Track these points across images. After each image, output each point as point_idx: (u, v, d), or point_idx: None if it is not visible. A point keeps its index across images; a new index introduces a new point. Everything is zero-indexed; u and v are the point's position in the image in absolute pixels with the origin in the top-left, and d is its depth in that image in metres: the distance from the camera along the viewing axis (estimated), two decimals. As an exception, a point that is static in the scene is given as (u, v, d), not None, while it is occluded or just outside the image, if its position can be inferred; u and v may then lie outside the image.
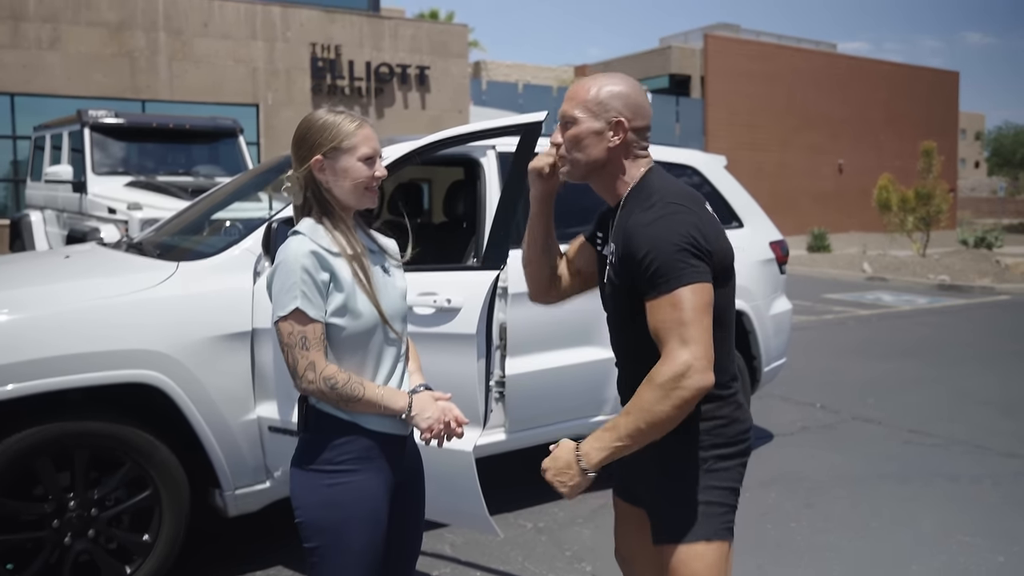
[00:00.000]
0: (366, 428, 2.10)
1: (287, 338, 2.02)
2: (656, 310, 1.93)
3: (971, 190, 54.02)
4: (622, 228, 2.06)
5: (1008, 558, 3.90)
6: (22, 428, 3.07)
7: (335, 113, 2.14)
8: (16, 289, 3.41)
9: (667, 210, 1.99)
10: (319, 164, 2.09)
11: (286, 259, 2.03)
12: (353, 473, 2.08)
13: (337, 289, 2.05)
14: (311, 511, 2.08)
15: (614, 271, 2.10)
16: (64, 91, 15.57)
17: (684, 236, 1.94)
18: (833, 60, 35.93)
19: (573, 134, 2.09)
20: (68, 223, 8.98)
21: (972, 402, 6.84)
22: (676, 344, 1.89)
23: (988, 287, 15.16)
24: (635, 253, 1.97)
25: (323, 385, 2.02)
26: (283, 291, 2.01)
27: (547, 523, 4.30)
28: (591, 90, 2.09)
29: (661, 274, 1.92)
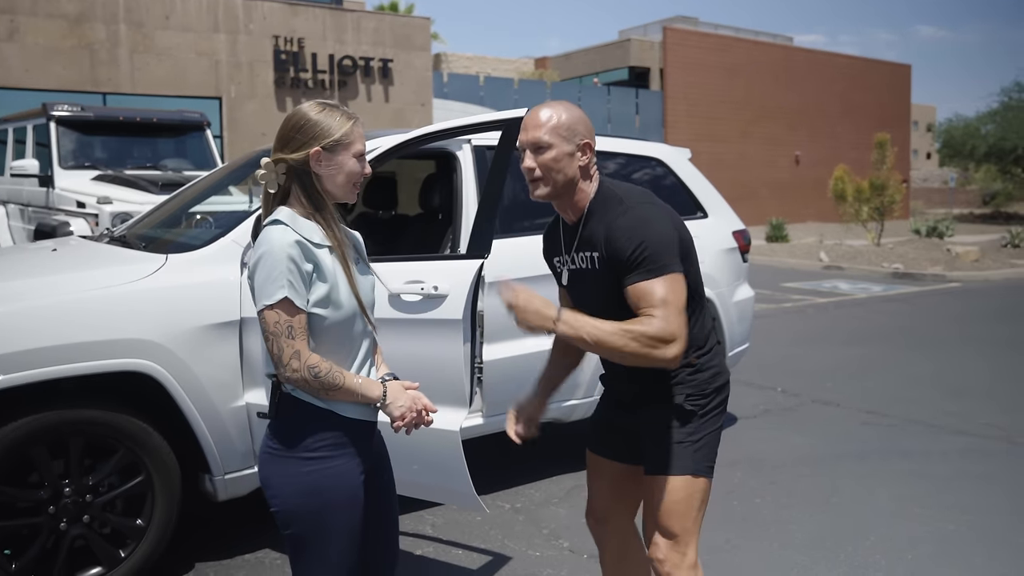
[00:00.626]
0: (341, 415, 2.13)
1: (273, 327, 2.03)
2: (649, 288, 2.20)
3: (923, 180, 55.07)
4: (601, 233, 2.33)
5: (958, 527, 4.15)
6: (18, 417, 3.15)
7: (331, 107, 2.17)
8: (7, 281, 3.49)
9: (642, 211, 2.30)
10: (317, 155, 2.11)
11: (271, 249, 2.03)
12: (330, 459, 2.11)
13: (320, 279, 2.08)
14: (289, 498, 2.11)
15: (598, 272, 2.36)
16: (23, 83, 15.38)
17: (667, 231, 2.27)
18: (790, 53, 36.47)
19: (551, 157, 2.33)
20: (35, 217, 8.93)
21: (926, 384, 7.13)
22: (670, 314, 2.17)
23: (939, 275, 15.61)
24: (624, 250, 2.25)
25: (307, 374, 2.04)
26: (269, 280, 2.02)
27: (524, 503, 4.46)
28: (555, 117, 2.34)
29: (652, 262, 2.21)
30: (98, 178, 8.67)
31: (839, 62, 37.28)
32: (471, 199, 4.25)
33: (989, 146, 40.22)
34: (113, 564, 3.39)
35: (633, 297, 2.23)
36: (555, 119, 2.33)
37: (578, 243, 2.41)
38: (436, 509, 4.31)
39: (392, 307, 3.51)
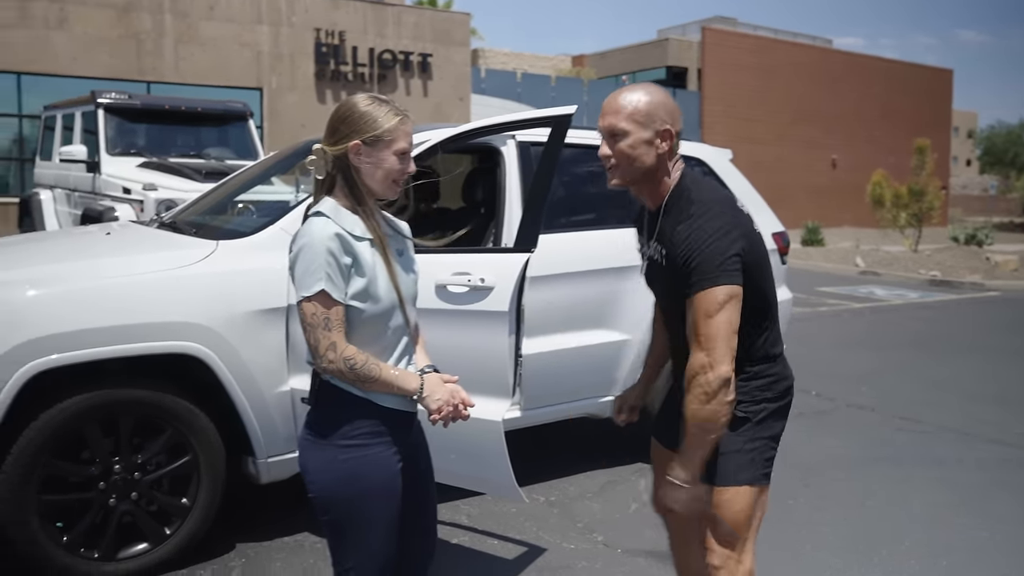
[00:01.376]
0: (379, 404, 2.15)
1: (310, 318, 2.06)
2: (691, 307, 2.18)
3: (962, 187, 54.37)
4: (669, 232, 2.27)
5: (992, 534, 4.13)
6: (72, 395, 3.25)
7: (380, 102, 2.17)
8: (66, 263, 3.60)
9: (705, 218, 2.20)
10: (356, 148, 2.12)
11: (311, 241, 2.05)
12: (367, 447, 2.14)
13: (358, 273, 2.10)
14: (328, 485, 2.14)
15: (665, 269, 2.31)
16: (70, 71, 15.65)
17: (719, 240, 2.17)
18: (829, 55, 36.11)
19: (628, 144, 2.23)
20: (81, 202, 9.11)
21: (961, 392, 7.07)
22: (695, 346, 2.17)
23: (978, 283, 15.42)
24: (678, 253, 2.21)
25: (343, 365, 2.06)
26: (308, 272, 2.04)
27: (558, 497, 4.51)
28: (634, 102, 2.23)
29: (700, 270, 2.15)
30: (143, 165, 8.84)
31: (879, 65, 36.86)
32: (515, 194, 4.30)
33: (1031, 154, 39.60)
34: (159, 541, 3.49)
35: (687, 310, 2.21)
36: (636, 103, 2.23)
37: (657, 234, 2.34)
38: (472, 500, 4.37)
39: (438, 298, 3.57)
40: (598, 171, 5.15)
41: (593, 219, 4.76)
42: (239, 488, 3.98)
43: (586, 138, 4.79)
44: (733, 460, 2.33)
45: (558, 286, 4.35)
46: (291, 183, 5.91)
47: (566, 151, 3.88)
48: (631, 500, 4.47)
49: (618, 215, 4.82)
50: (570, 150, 4.42)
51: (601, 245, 4.62)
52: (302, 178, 5.26)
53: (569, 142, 3.95)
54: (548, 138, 3.56)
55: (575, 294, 4.46)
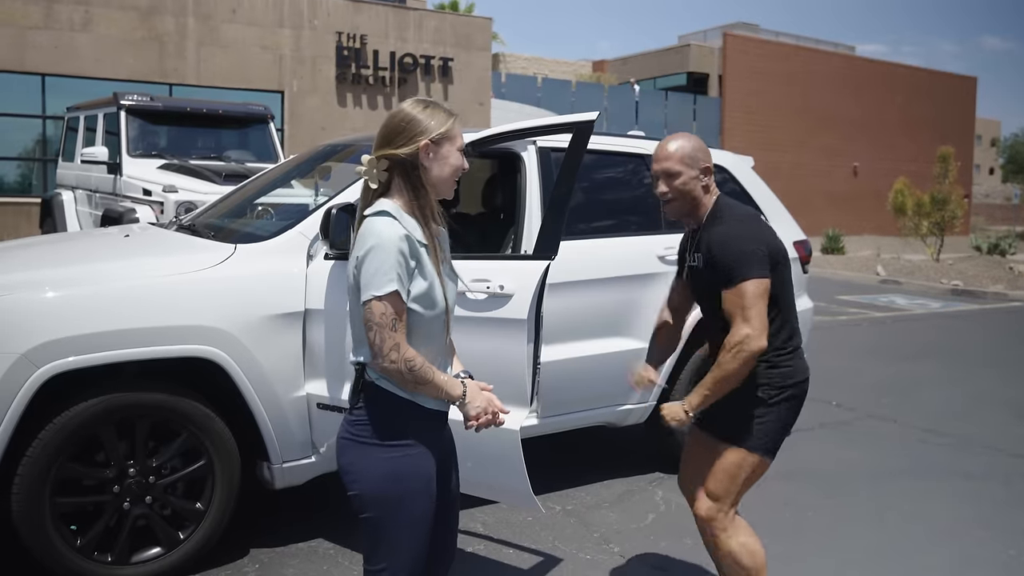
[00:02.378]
0: (422, 406, 2.21)
1: (379, 318, 2.09)
2: (726, 298, 2.77)
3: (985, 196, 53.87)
4: (706, 240, 2.86)
5: (1019, 552, 4.05)
6: (88, 397, 3.24)
7: (433, 105, 2.26)
8: (83, 265, 3.60)
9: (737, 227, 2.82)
10: (426, 148, 2.19)
11: (383, 241, 2.09)
12: (410, 447, 2.20)
13: (421, 276, 2.16)
14: (370, 483, 2.18)
15: (705, 272, 2.88)
16: (94, 73, 15.77)
17: (749, 245, 2.77)
18: (851, 62, 35.91)
19: (682, 182, 2.86)
20: (102, 204, 9.15)
21: (984, 404, 6.97)
22: (740, 322, 2.73)
23: (1001, 293, 15.25)
24: (715, 257, 2.80)
25: (403, 366, 2.11)
26: (380, 272, 2.08)
27: (575, 506, 4.46)
28: (681, 149, 2.86)
29: (732, 272, 2.75)
30: (164, 167, 8.86)
31: (901, 73, 36.62)
32: (535, 200, 4.26)
33: (1056, 163, 39.21)
34: (172, 545, 3.47)
35: (723, 302, 2.78)
36: (681, 150, 2.85)
37: (698, 244, 2.92)
38: (487, 508, 4.33)
39: (457, 304, 3.53)
40: (618, 177, 5.14)
41: (612, 226, 4.72)
42: (254, 493, 3.96)
43: (607, 144, 4.75)
44: (743, 426, 2.85)
45: (577, 293, 4.31)
46: (311, 186, 5.91)
47: (586, 157, 3.83)
48: (648, 511, 4.42)
49: (637, 222, 4.78)
50: (590, 156, 4.38)
51: (620, 252, 4.58)
52: (321, 182, 5.25)
53: (590, 148, 3.91)
54: (569, 144, 3.52)
55: (594, 302, 4.42)
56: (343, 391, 3.56)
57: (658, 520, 4.30)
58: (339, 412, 3.57)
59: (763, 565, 2.91)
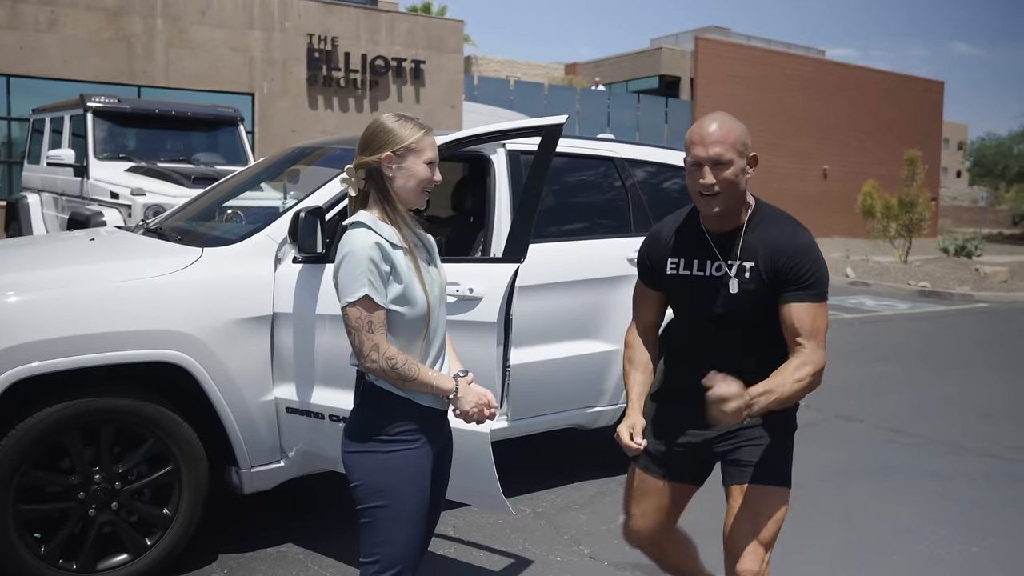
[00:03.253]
0: (419, 404, 2.33)
1: (355, 322, 2.23)
2: (808, 313, 2.38)
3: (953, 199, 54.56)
4: (762, 245, 2.43)
5: (982, 549, 4.11)
6: (52, 403, 3.20)
7: (406, 118, 2.37)
8: (47, 269, 3.56)
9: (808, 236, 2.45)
10: (388, 160, 2.31)
11: (354, 249, 2.23)
12: (408, 443, 2.32)
13: (396, 279, 2.28)
14: (369, 476, 2.31)
15: (753, 281, 2.44)
16: (60, 74, 15.57)
17: (822, 257, 2.45)
18: (821, 66, 36.25)
19: (732, 173, 2.37)
20: (68, 207, 9.05)
21: (951, 404, 7.06)
22: (817, 347, 2.38)
23: (967, 294, 15.46)
24: (796, 266, 2.39)
25: (385, 365, 2.24)
26: (352, 279, 2.22)
27: (545, 508, 4.47)
28: (735, 131, 2.38)
29: (820, 285, 2.40)
30: (132, 169, 8.77)
31: (871, 77, 37.01)
32: (504, 203, 4.27)
33: (1021, 166, 39.93)
34: (139, 552, 3.44)
35: (792, 316, 2.38)
36: (736, 133, 2.37)
37: (741, 251, 2.45)
38: (458, 511, 4.32)
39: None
40: (588, 180, 5.15)
41: (582, 229, 4.73)
42: (222, 498, 3.93)
43: (577, 147, 4.77)
44: (779, 462, 2.52)
45: (546, 296, 4.33)
46: (280, 189, 5.88)
47: (556, 160, 3.85)
48: (618, 512, 4.41)
49: (607, 225, 4.80)
50: (560, 159, 4.40)
51: (589, 255, 4.60)
52: (290, 185, 5.23)
53: (559, 151, 3.92)
54: (539, 147, 3.54)
55: (563, 304, 4.43)
56: (312, 395, 3.55)
57: (628, 522, 4.31)
58: (308, 416, 3.57)
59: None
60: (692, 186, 2.43)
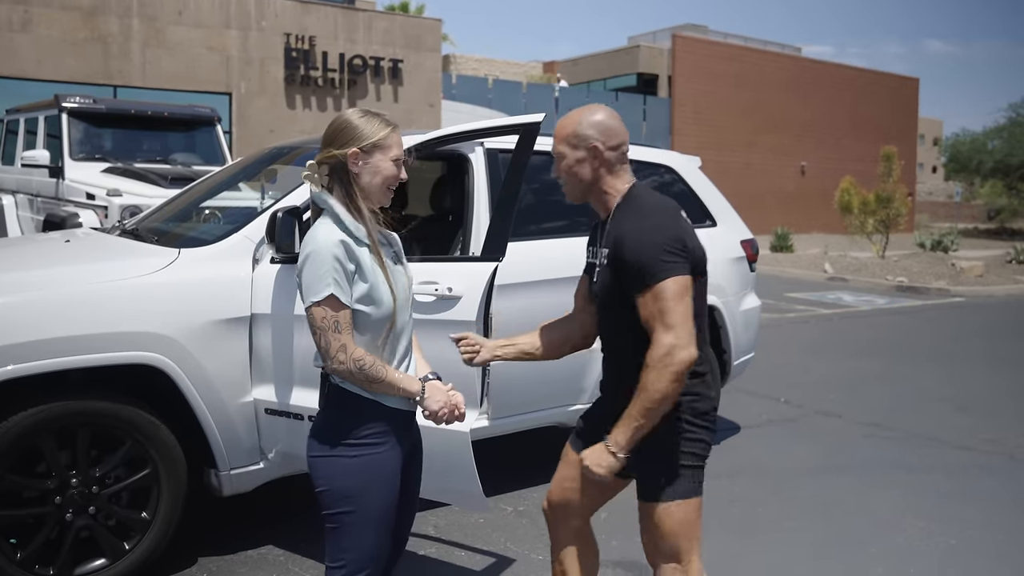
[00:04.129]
0: (386, 405, 2.28)
1: (320, 322, 2.19)
2: (643, 304, 2.33)
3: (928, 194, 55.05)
4: (613, 234, 2.44)
5: (960, 541, 4.15)
6: (27, 406, 3.16)
7: (372, 114, 2.32)
8: (21, 272, 3.52)
9: (650, 220, 2.38)
10: (355, 156, 2.26)
11: (317, 248, 2.18)
12: (375, 446, 2.27)
13: (361, 278, 2.23)
14: (336, 480, 2.25)
15: (605, 271, 2.48)
16: (35, 75, 15.43)
17: (663, 239, 2.32)
18: (798, 63, 36.48)
19: (565, 165, 2.50)
20: (44, 208, 8.95)
21: (928, 399, 7.13)
22: (661, 330, 2.29)
23: (944, 289, 15.60)
24: (623, 256, 2.37)
25: (352, 366, 2.19)
26: (316, 278, 2.17)
27: (526, 507, 4.47)
28: (568, 126, 2.48)
29: (645, 272, 2.31)
30: (108, 170, 8.68)
31: (847, 74, 37.29)
32: (483, 201, 4.26)
33: (995, 161, 40.29)
34: (117, 556, 3.40)
35: (639, 311, 2.34)
36: (569, 128, 2.48)
37: (604, 239, 2.51)
38: (439, 510, 4.32)
39: (404, 307, 3.53)
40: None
41: (560, 227, 4.73)
42: (201, 501, 3.91)
43: (554, 145, 4.77)
44: (680, 474, 2.44)
45: (526, 295, 4.32)
46: (258, 189, 5.84)
47: (534, 159, 3.84)
48: (600, 510, 4.43)
49: (585, 223, 4.80)
50: (538, 157, 4.39)
51: (568, 253, 4.59)
52: (268, 185, 5.20)
53: (537, 149, 3.92)
54: (516, 146, 3.54)
55: (542, 302, 4.41)
56: (291, 396, 3.53)
57: (610, 519, 4.31)
58: (287, 417, 3.54)
59: None
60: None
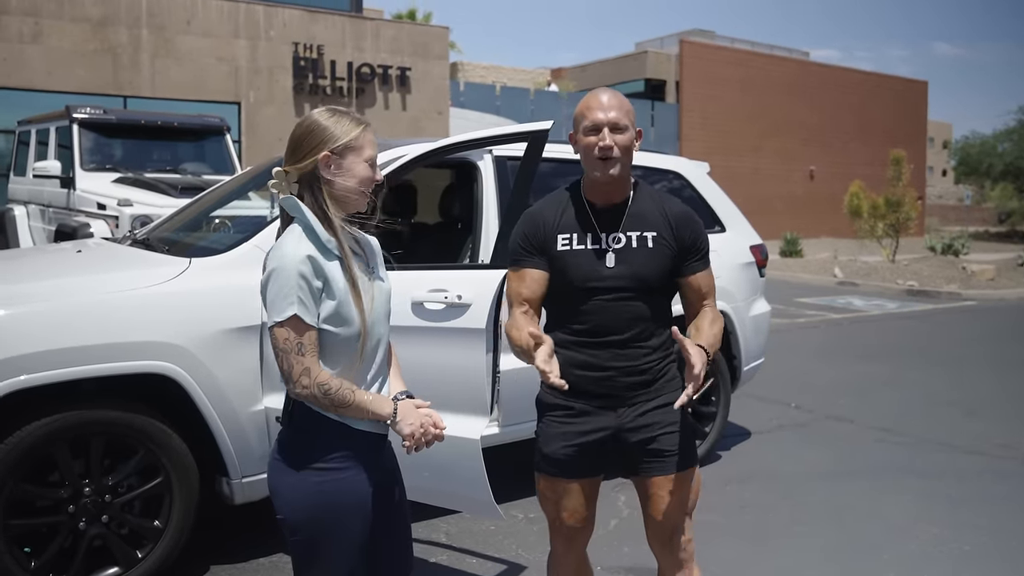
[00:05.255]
0: (353, 428, 2.12)
1: (283, 343, 2.02)
2: (699, 279, 2.54)
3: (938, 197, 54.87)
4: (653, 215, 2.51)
5: (973, 548, 4.13)
6: (40, 416, 3.18)
7: (340, 113, 2.14)
8: (34, 282, 3.55)
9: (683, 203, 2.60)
10: (326, 160, 2.07)
11: (283, 264, 2.01)
12: (341, 471, 2.11)
13: (329, 296, 2.06)
14: (299, 507, 2.11)
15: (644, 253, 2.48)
16: (45, 86, 15.51)
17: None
18: (805, 67, 36.43)
19: (628, 138, 2.45)
20: (55, 218, 9.01)
21: (939, 403, 7.10)
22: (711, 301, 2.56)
23: (955, 293, 15.55)
24: (691, 234, 2.53)
25: (316, 391, 2.03)
26: (280, 296, 2.00)
27: (537, 514, 4.46)
28: (626, 102, 2.48)
29: (707, 251, 2.56)
30: (118, 180, 8.74)
31: (854, 77, 37.22)
32: (491, 209, 4.27)
33: (1005, 164, 40.16)
34: (130, 564, 3.42)
35: (696, 282, 2.53)
36: (625, 103, 2.47)
37: (627, 222, 2.51)
38: (450, 517, 4.33)
39: (415, 315, 3.54)
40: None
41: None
42: (213, 509, 3.92)
43: (562, 152, 4.77)
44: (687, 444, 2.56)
45: None
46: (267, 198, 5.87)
47: (543, 165, 3.86)
48: (611, 517, 4.44)
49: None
50: (547, 164, 4.41)
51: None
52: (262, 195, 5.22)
53: (546, 156, 3.94)
54: (524, 153, 3.56)
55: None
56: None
57: (620, 526, 4.33)
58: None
59: None
60: (588, 152, 2.45)
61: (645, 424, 2.49)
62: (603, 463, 2.58)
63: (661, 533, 2.57)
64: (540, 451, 2.60)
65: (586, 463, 2.55)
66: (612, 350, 2.47)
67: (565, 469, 2.56)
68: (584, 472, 2.56)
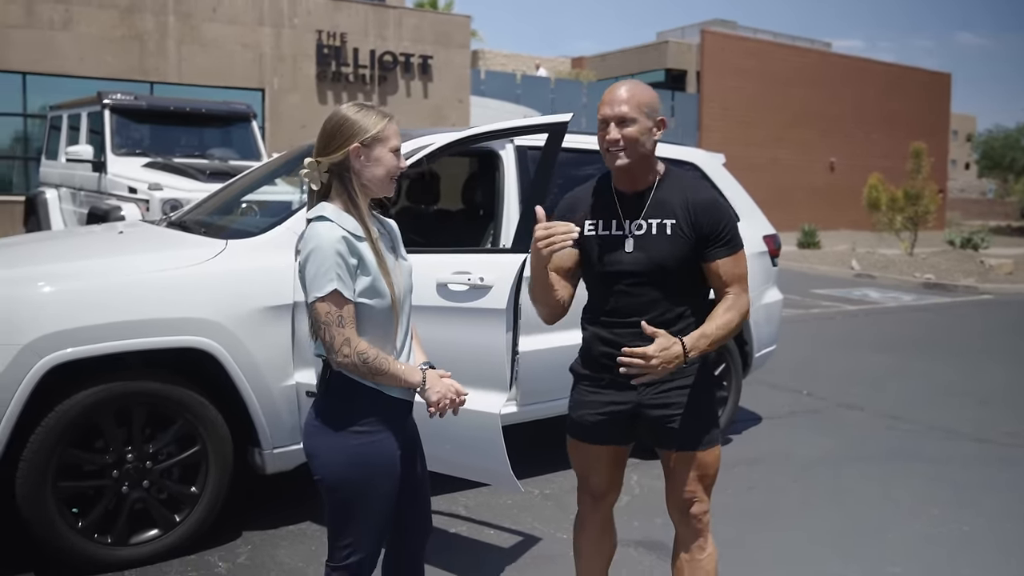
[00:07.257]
0: (387, 395, 2.33)
1: (324, 317, 2.21)
2: (722, 266, 2.62)
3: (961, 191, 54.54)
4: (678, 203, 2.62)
5: (973, 528, 4.28)
6: (88, 386, 3.39)
7: (367, 107, 2.35)
8: (83, 260, 3.75)
9: (711, 193, 2.69)
10: (357, 151, 2.28)
11: (320, 244, 2.21)
12: (375, 433, 2.32)
13: (363, 272, 2.27)
14: (337, 467, 2.31)
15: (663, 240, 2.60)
16: (75, 71, 15.80)
17: (732, 212, 2.71)
18: (827, 58, 36.25)
19: (636, 130, 2.55)
20: (87, 201, 9.25)
21: (950, 393, 7.22)
22: (740, 290, 2.63)
23: (972, 286, 15.57)
24: (713, 221, 2.60)
25: (356, 359, 2.23)
26: (320, 274, 2.20)
27: (553, 490, 4.65)
28: (645, 94, 2.59)
29: (733, 239, 2.63)
30: (148, 165, 8.97)
31: (877, 69, 37.00)
32: (512, 196, 4.44)
33: (1029, 158, 39.82)
34: (168, 527, 3.63)
35: (717, 269, 2.61)
36: (644, 96, 2.59)
37: (648, 209, 2.64)
38: (469, 491, 4.51)
39: (440, 295, 3.72)
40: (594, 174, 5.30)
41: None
42: (245, 478, 4.12)
43: (583, 143, 4.94)
44: (710, 424, 2.70)
45: None
46: (295, 184, 6.06)
47: (564, 155, 4.01)
48: (623, 494, 4.58)
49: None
50: (567, 154, 4.56)
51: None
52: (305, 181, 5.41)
53: (566, 146, 4.09)
54: (545, 143, 3.71)
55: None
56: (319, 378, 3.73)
57: (632, 503, 4.49)
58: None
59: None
60: (599, 145, 2.63)
61: (663, 403, 2.65)
62: (629, 433, 2.76)
63: (680, 504, 2.75)
64: (570, 416, 2.82)
65: (610, 431, 2.73)
66: (632, 331, 2.60)
67: (590, 434, 2.76)
68: (608, 439, 2.75)
